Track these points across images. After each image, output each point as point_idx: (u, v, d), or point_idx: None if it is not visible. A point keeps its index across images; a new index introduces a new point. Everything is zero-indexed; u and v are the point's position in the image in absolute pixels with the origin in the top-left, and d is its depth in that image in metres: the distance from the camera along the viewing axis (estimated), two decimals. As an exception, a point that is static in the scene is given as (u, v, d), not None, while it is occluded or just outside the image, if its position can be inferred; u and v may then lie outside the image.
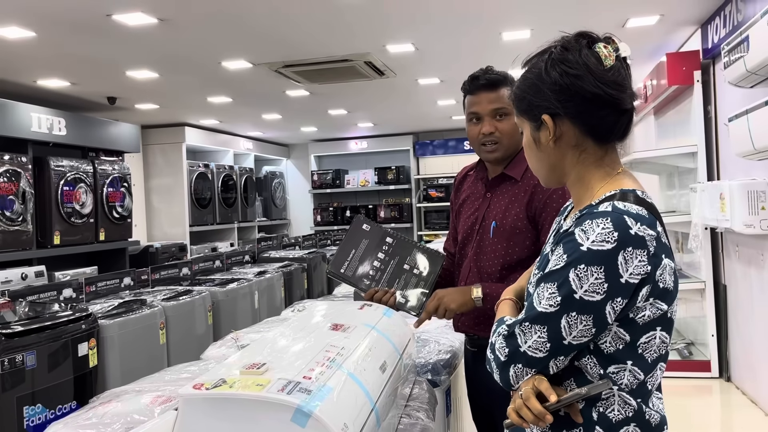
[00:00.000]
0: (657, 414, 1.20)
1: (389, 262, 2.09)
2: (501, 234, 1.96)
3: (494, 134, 1.99)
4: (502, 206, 1.99)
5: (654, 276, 1.13)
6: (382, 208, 10.40)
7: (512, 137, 1.98)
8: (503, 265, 1.95)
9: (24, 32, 4.15)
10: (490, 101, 1.99)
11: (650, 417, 1.18)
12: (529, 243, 1.93)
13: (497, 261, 1.96)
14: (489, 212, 2.03)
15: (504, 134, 1.99)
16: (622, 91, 1.21)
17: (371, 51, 5.15)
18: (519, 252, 1.94)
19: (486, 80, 2.00)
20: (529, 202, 1.93)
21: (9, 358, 2.57)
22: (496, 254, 1.97)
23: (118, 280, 4.28)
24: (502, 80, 2.00)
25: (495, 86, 1.99)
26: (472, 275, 2.03)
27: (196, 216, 8.38)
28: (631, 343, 1.16)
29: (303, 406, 1.01)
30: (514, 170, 1.99)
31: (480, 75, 2.03)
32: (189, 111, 7.59)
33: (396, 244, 2.11)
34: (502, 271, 1.95)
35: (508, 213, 1.96)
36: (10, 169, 5.24)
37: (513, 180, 2.00)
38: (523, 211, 1.94)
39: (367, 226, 2.13)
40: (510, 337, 1.18)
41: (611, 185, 1.22)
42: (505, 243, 1.95)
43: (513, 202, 1.97)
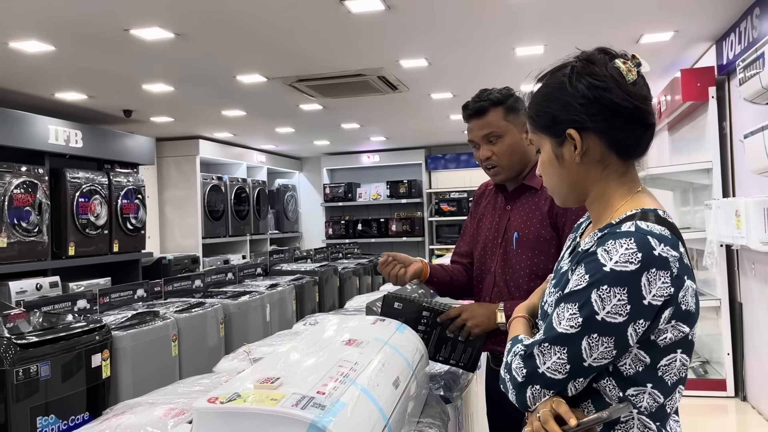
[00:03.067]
0: None
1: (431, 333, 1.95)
2: (524, 244, 1.97)
3: (491, 158, 2.03)
4: (523, 217, 2.00)
5: (677, 298, 1.11)
6: (393, 221, 10.40)
7: (511, 156, 2.02)
8: (530, 275, 1.95)
9: (43, 46, 4.22)
10: (480, 128, 2.04)
11: None
12: (554, 251, 1.93)
13: (524, 272, 1.97)
14: (510, 224, 2.04)
15: (501, 156, 2.02)
16: (647, 104, 1.20)
17: (384, 66, 5.18)
18: (545, 261, 1.94)
19: (472, 110, 2.05)
20: (550, 209, 1.94)
21: (24, 368, 2.58)
22: (521, 265, 1.97)
23: (131, 291, 4.31)
24: (490, 104, 2.02)
25: (482, 113, 2.03)
26: (498, 289, 2.03)
27: (209, 228, 8.42)
28: (651, 366, 1.14)
29: (317, 421, 1.01)
30: (534, 180, 2.01)
31: (468, 104, 2.07)
32: (203, 124, 7.66)
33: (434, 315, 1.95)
34: (530, 282, 1.95)
35: (530, 222, 1.97)
36: (27, 180, 5.30)
37: (533, 190, 2.01)
38: (546, 218, 1.94)
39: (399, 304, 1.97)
40: (528, 358, 1.16)
41: (632, 204, 1.20)
42: (530, 253, 1.96)
43: (534, 212, 1.97)
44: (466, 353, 1.96)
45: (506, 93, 2.03)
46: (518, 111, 2.01)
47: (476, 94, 2.08)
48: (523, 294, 1.94)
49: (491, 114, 2.02)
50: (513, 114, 2.02)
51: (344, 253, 7.14)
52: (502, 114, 2.02)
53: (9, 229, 5.11)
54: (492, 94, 2.04)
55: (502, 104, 2.02)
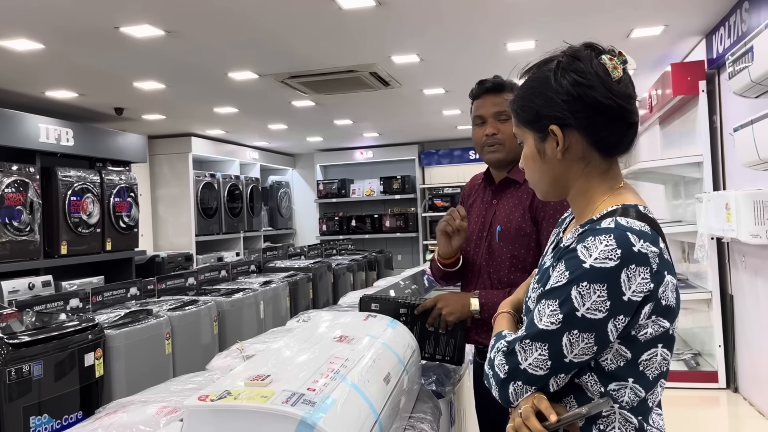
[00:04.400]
0: (657, 431, 1.18)
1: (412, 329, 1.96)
2: (506, 237, 1.99)
3: (497, 135, 2.05)
4: (506, 210, 2.03)
5: (657, 293, 1.12)
6: (387, 217, 10.41)
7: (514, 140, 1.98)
8: (511, 268, 1.98)
9: (32, 44, 4.20)
10: (494, 104, 2.06)
11: None
12: (534, 245, 1.96)
13: (505, 264, 1.99)
14: (495, 217, 2.07)
15: (507, 136, 2.03)
16: (631, 103, 1.20)
17: (377, 62, 5.18)
18: (525, 254, 1.96)
19: (492, 83, 2.07)
20: (531, 203, 1.96)
21: (16, 368, 2.58)
22: (503, 258, 2.00)
23: (124, 290, 4.30)
24: (507, 86, 2.06)
25: (499, 90, 2.06)
26: (482, 281, 2.07)
27: (203, 226, 8.41)
28: (632, 361, 1.14)
29: (307, 418, 1.02)
30: (518, 174, 2.03)
31: (487, 79, 2.10)
32: (195, 121, 7.64)
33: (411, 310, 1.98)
34: (510, 275, 1.98)
35: (512, 216, 2.00)
36: (18, 179, 5.28)
37: (517, 184, 2.03)
38: (527, 212, 1.96)
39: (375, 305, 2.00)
40: (510, 354, 1.16)
41: (613, 200, 1.21)
42: (511, 246, 1.98)
43: (517, 206, 2.00)
44: (449, 345, 1.99)
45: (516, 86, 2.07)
46: None
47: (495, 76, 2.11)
48: (505, 286, 1.98)
49: (507, 95, 2.03)
50: None
51: (338, 249, 7.15)
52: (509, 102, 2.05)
53: (1, 228, 5.10)
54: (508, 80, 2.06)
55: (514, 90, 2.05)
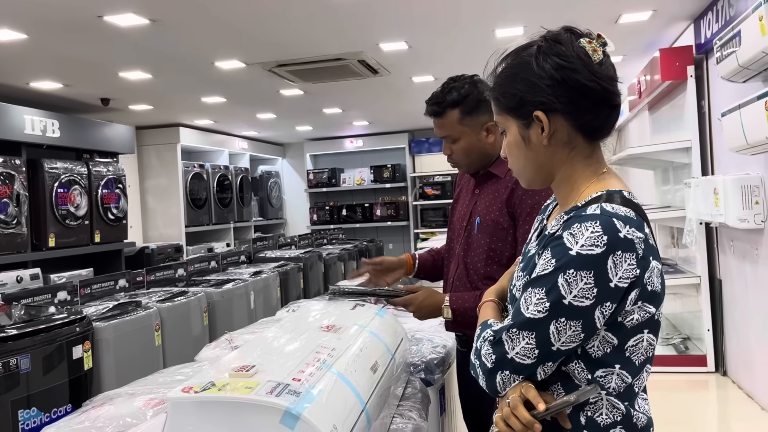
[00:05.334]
0: (644, 416, 1.19)
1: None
2: (484, 230, 1.99)
3: (452, 156, 2.08)
4: (486, 203, 2.03)
5: (643, 279, 1.11)
6: (378, 206, 10.40)
7: (468, 156, 2.06)
8: (487, 260, 1.98)
9: (15, 34, 4.14)
10: (438, 127, 2.08)
11: (637, 420, 1.17)
12: (511, 239, 1.96)
13: (482, 256, 1.99)
14: (476, 209, 2.07)
15: (459, 154, 2.06)
16: (614, 85, 1.19)
17: (364, 50, 5.14)
18: (502, 247, 1.96)
19: (428, 112, 2.08)
20: (508, 198, 1.96)
21: (3, 362, 2.56)
22: (480, 250, 2.00)
23: (113, 282, 4.27)
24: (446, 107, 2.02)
25: (438, 115, 2.05)
26: (460, 271, 2.07)
27: (192, 216, 8.36)
28: (618, 347, 1.14)
29: (292, 408, 1.01)
30: (498, 168, 2.02)
31: (428, 101, 2.09)
32: (183, 111, 7.58)
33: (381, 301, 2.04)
34: (486, 267, 1.98)
35: (491, 209, 1.99)
36: (3, 171, 5.22)
37: (497, 177, 2.03)
38: (504, 207, 1.96)
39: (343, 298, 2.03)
40: (497, 344, 1.15)
41: (597, 185, 1.20)
42: (488, 239, 1.98)
43: (495, 199, 2.00)
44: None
45: (466, 91, 2.00)
46: (477, 110, 1.99)
47: (441, 86, 2.07)
48: (480, 278, 1.98)
49: (447, 116, 2.03)
50: (470, 116, 2.01)
51: (329, 238, 7.14)
52: (457, 117, 2.01)
53: (-13, 221, 5.05)
54: (451, 93, 2.02)
55: (458, 105, 2.01)
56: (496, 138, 1.99)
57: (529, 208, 1.89)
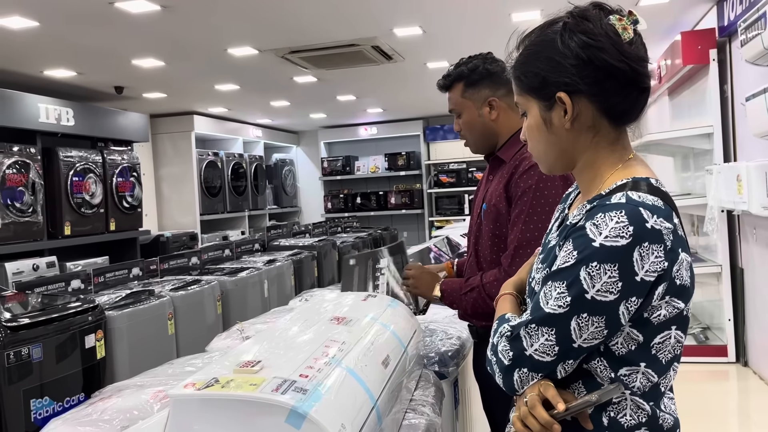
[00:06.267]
0: (670, 417, 1.12)
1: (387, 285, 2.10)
2: (488, 216, 1.97)
3: (461, 131, 2.09)
4: (492, 189, 2.00)
5: (671, 273, 1.04)
6: (392, 194, 10.34)
7: (471, 132, 2.07)
8: (492, 247, 1.96)
9: (27, 22, 4.11)
10: (449, 101, 2.09)
11: (663, 421, 1.11)
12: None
13: (488, 243, 1.97)
14: (486, 196, 2.05)
15: (465, 129, 2.07)
16: (644, 66, 1.11)
17: (378, 35, 5.06)
18: (505, 233, 1.92)
19: (440, 83, 2.10)
20: (507, 182, 1.92)
21: (15, 351, 2.55)
22: (486, 237, 1.98)
23: (126, 270, 4.26)
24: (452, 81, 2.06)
25: (445, 88, 2.08)
26: (472, 259, 2.06)
27: (207, 205, 8.36)
28: (644, 344, 1.07)
29: (298, 407, 0.97)
30: (505, 152, 2.00)
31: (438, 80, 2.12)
32: (197, 99, 7.55)
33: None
34: (492, 254, 1.95)
35: (495, 194, 1.96)
36: (19, 160, 5.23)
37: (504, 163, 2.00)
38: (503, 191, 1.93)
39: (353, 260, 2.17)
40: (514, 340, 1.09)
41: (622, 173, 1.13)
42: (492, 225, 1.95)
43: (499, 184, 1.96)
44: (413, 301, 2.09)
45: (473, 65, 2.02)
46: (480, 84, 2.01)
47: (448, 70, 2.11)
48: (488, 264, 1.96)
49: (453, 90, 2.06)
50: (472, 89, 2.02)
51: (343, 227, 7.10)
52: (461, 90, 2.04)
53: (3, 209, 5.06)
54: (459, 68, 2.05)
55: (462, 79, 2.03)
56: (499, 114, 1.99)
57: (521, 191, 1.85)
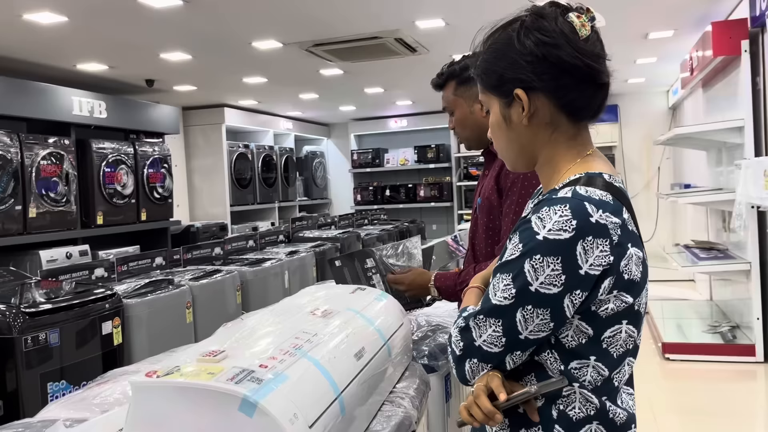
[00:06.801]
0: (623, 412, 1.12)
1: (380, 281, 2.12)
2: (482, 209, 1.99)
3: (454, 129, 2.10)
4: (485, 183, 2.02)
5: (618, 267, 1.05)
6: (422, 187, 10.32)
7: (463, 128, 2.07)
8: (487, 240, 1.97)
9: (56, 17, 4.24)
10: (442, 101, 2.11)
11: (615, 415, 1.11)
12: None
13: (483, 236, 1.98)
14: (481, 190, 2.07)
15: (457, 126, 2.08)
16: (600, 63, 1.13)
17: (401, 27, 5.06)
18: (499, 226, 1.94)
19: (434, 83, 2.11)
20: (498, 174, 1.93)
21: (32, 336, 2.66)
22: (482, 230, 1.99)
23: (150, 260, 4.38)
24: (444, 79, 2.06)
25: (441, 87, 2.09)
26: (469, 254, 2.08)
27: (237, 196, 8.49)
28: (594, 338, 1.08)
29: (249, 396, 0.99)
30: None
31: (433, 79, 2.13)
32: (226, 92, 7.66)
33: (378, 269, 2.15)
34: (487, 247, 1.97)
35: (488, 188, 1.98)
36: (53, 151, 5.40)
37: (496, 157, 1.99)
38: (495, 184, 1.94)
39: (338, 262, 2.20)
40: (465, 330, 1.11)
41: (578, 167, 1.14)
42: (486, 218, 1.97)
43: (492, 178, 1.98)
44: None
45: (464, 65, 2.03)
46: (471, 82, 2.00)
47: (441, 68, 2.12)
48: (484, 258, 1.97)
49: (446, 89, 2.07)
50: (464, 87, 2.03)
51: (370, 219, 7.13)
52: (453, 88, 2.05)
53: (38, 199, 5.24)
54: (451, 67, 2.06)
55: (454, 78, 2.04)
56: None
57: (510, 182, 1.87)
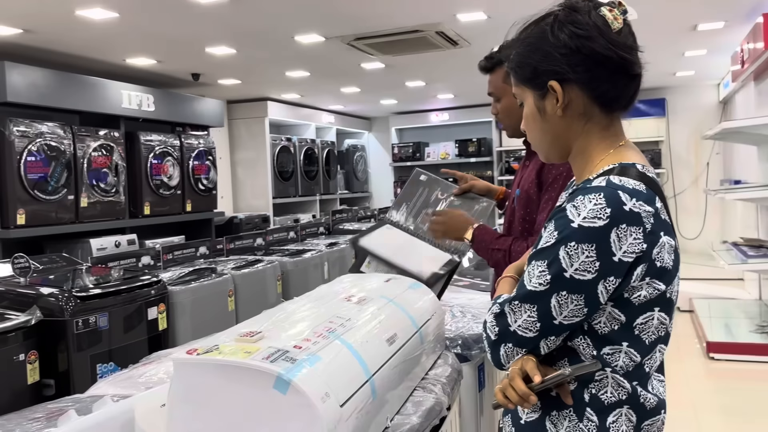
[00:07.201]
0: (654, 397, 1.15)
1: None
2: (520, 201, 1.99)
3: (498, 115, 2.09)
4: (525, 174, 2.02)
5: (650, 255, 1.08)
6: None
7: (509, 117, 2.05)
8: (524, 233, 1.96)
9: (107, 13, 4.39)
10: (489, 84, 2.09)
11: (645, 400, 1.14)
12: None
13: (519, 228, 1.98)
14: (521, 182, 2.06)
15: (503, 113, 2.07)
16: (633, 54, 1.16)
17: (442, 21, 5.05)
18: (534, 220, 1.94)
19: (482, 65, 2.10)
20: (540, 167, 1.92)
21: (83, 319, 2.78)
22: (518, 221, 1.99)
23: (194, 249, 4.51)
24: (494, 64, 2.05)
25: (489, 70, 2.07)
26: None
27: (280, 188, 8.63)
28: (626, 324, 1.11)
29: (283, 374, 1.04)
30: None
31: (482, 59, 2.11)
32: (270, 86, 7.78)
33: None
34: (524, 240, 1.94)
35: (527, 179, 1.98)
36: (104, 143, 5.60)
37: None
38: (536, 177, 1.93)
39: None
40: (500, 316, 1.15)
41: (612, 158, 1.17)
42: (522, 211, 1.97)
43: (532, 170, 1.97)
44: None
45: None
46: None
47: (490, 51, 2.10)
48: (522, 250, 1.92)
49: (494, 74, 2.06)
50: None
51: (409, 212, 7.15)
52: (502, 76, 2.03)
53: (89, 189, 5.45)
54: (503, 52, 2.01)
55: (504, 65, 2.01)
56: None
57: (552, 177, 1.87)
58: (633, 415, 1.12)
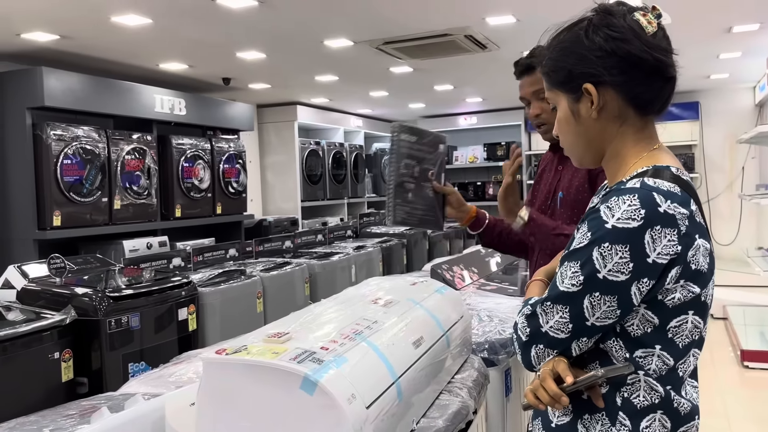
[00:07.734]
0: (688, 403, 1.13)
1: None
2: (566, 204, 1.96)
3: (541, 116, 2.02)
4: (569, 177, 1.99)
5: (685, 257, 1.06)
6: (491, 185, 10.23)
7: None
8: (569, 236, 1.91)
9: (141, 19, 4.48)
10: (530, 84, 2.02)
11: (679, 405, 1.12)
12: None
13: None
14: (560, 184, 2.03)
15: (549, 113, 1.98)
16: (668, 56, 1.15)
17: (471, 24, 5.05)
18: None
19: (522, 66, 2.04)
20: (591, 171, 1.89)
21: (116, 319, 2.84)
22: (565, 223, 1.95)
23: (224, 251, 4.57)
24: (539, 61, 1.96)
25: (532, 69, 2.01)
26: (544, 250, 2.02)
27: (308, 192, 8.69)
28: (660, 327, 1.10)
29: (310, 375, 1.05)
30: None
31: (519, 60, 2.05)
32: (299, 90, 7.85)
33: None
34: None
35: (573, 182, 1.95)
36: (137, 147, 5.71)
37: None
38: (587, 180, 1.91)
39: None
40: (532, 317, 1.15)
41: (646, 161, 1.16)
42: (570, 212, 1.94)
43: (577, 173, 1.95)
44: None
45: None
46: None
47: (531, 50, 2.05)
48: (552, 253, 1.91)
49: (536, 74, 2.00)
50: None
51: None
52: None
53: (122, 192, 5.56)
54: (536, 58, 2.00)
55: None
56: None
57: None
58: (668, 421, 1.11)
